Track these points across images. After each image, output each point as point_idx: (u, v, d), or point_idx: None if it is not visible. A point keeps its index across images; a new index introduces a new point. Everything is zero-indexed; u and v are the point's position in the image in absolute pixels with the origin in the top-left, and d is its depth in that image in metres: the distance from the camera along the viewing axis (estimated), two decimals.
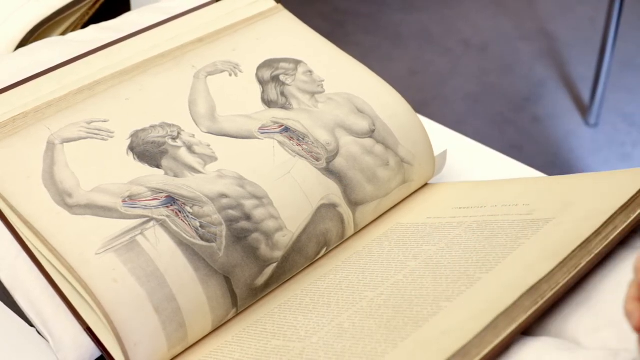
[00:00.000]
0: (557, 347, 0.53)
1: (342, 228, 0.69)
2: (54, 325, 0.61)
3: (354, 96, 0.74)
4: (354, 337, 0.56)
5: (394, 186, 0.72)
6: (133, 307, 0.57)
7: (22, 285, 0.63)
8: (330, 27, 2.24)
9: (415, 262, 0.63)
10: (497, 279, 0.57)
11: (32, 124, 0.66)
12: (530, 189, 0.70)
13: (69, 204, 0.61)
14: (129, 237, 0.60)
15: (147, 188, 0.63)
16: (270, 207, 0.65)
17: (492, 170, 0.83)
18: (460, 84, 2.07)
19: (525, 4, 2.35)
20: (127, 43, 0.75)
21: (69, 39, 0.77)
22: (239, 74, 0.75)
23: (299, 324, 0.60)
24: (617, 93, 2.01)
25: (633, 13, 2.24)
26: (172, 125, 0.68)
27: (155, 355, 0.59)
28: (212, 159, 0.66)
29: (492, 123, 1.95)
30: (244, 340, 0.60)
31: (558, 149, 1.87)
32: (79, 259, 0.58)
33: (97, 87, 0.70)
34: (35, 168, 0.63)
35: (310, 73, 0.76)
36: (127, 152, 0.66)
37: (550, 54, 2.15)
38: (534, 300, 0.55)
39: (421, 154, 0.74)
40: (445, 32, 2.24)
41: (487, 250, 0.61)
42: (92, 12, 0.90)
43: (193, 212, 0.62)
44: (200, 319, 0.60)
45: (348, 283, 0.63)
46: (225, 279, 0.61)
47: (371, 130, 0.72)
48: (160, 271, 0.59)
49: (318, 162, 0.69)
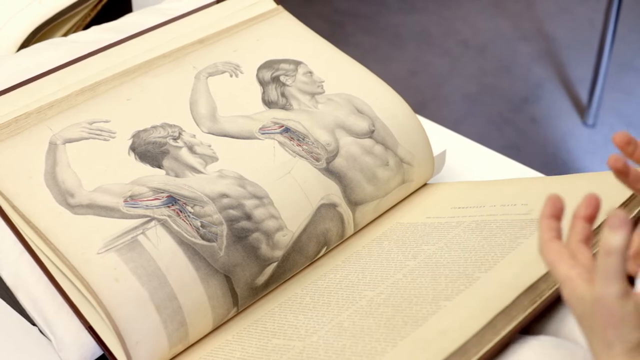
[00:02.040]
0: (555, 345, 0.54)
1: (342, 228, 0.69)
2: (56, 324, 0.61)
3: (353, 97, 0.75)
4: (354, 335, 0.56)
5: (394, 186, 0.72)
6: (134, 306, 0.57)
7: (25, 284, 0.63)
8: (330, 28, 2.24)
9: (415, 261, 0.63)
10: (495, 278, 0.57)
11: (35, 125, 0.66)
12: (528, 189, 0.70)
13: (71, 204, 0.61)
14: (130, 236, 0.60)
15: (148, 188, 0.63)
16: (271, 207, 0.65)
17: (491, 171, 0.84)
18: (459, 84, 2.07)
19: (524, 5, 2.36)
20: (128, 44, 0.75)
21: (71, 40, 0.78)
22: (240, 74, 0.75)
23: (299, 322, 0.60)
24: (614, 94, 2.01)
25: (631, 15, 2.24)
26: (173, 125, 0.69)
27: (157, 354, 0.59)
28: (213, 159, 0.67)
29: (491, 123, 1.95)
30: (245, 339, 0.61)
31: (556, 149, 1.87)
32: (80, 258, 0.58)
33: (99, 87, 0.70)
34: (38, 168, 0.63)
35: (310, 74, 0.76)
36: (128, 153, 0.66)
37: (548, 55, 2.16)
38: (532, 299, 0.55)
39: (420, 154, 0.74)
40: (445, 33, 2.25)
41: (486, 249, 0.61)
42: (94, 13, 0.90)
43: (194, 212, 0.62)
44: (201, 317, 0.61)
45: (348, 282, 0.63)
46: (226, 278, 0.62)
47: (371, 130, 0.73)
48: (161, 270, 0.59)
49: (318, 162, 0.69)
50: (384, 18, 2.30)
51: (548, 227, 0.49)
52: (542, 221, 0.49)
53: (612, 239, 0.44)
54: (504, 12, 2.33)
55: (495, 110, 1.99)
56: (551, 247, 0.48)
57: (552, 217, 0.49)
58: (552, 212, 0.49)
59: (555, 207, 0.49)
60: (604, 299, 0.44)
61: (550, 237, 0.48)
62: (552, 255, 0.47)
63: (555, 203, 0.49)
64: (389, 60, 2.15)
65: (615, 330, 0.44)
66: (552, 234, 0.48)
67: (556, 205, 0.49)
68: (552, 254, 0.47)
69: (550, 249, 0.48)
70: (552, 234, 0.48)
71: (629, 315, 0.44)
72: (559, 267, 0.47)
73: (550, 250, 0.48)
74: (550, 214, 0.49)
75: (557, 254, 0.47)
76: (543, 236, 0.48)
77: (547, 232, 0.48)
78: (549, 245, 0.48)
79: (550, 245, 0.48)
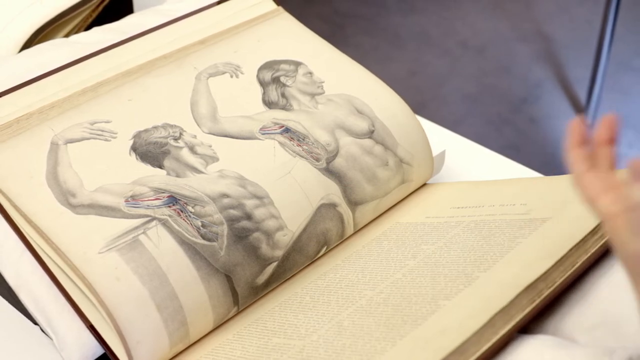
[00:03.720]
0: (554, 345, 0.54)
1: (342, 227, 0.69)
2: (57, 324, 0.62)
3: (353, 97, 0.75)
4: (354, 335, 0.56)
5: (393, 186, 0.73)
6: (135, 306, 0.58)
7: (26, 284, 0.63)
8: (330, 29, 2.24)
9: (414, 261, 0.63)
10: (494, 278, 0.58)
11: (36, 125, 0.67)
12: (527, 189, 0.70)
13: (73, 204, 0.62)
14: (131, 236, 0.60)
15: (149, 188, 0.63)
16: (271, 207, 0.65)
17: (490, 171, 0.84)
18: (459, 85, 2.07)
19: (522, 6, 2.36)
20: (129, 45, 0.75)
21: (72, 40, 0.78)
22: (240, 75, 0.75)
23: (299, 322, 0.60)
24: (613, 94, 2.01)
25: (629, 15, 2.24)
26: (174, 126, 0.69)
27: (157, 353, 0.59)
28: (213, 159, 0.67)
29: (490, 124, 1.95)
30: (245, 338, 0.61)
31: (555, 150, 1.87)
32: (82, 258, 0.59)
33: (100, 88, 0.71)
34: (39, 168, 0.64)
35: (310, 74, 0.76)
36: (129, 153, 0.66)
37: (547, 56, 2.16)
38: (531, 298, 0.55)
39: (420, 154, 0.75)
40: (444, 34, 2.25)
41: (485, 249, 0.62)
42: (95, 14, 0.91)
43: (195, 212, 0.63)
44: (201, 317, 0.61)
45: (348, 282, 0.64)
46: (227, 278, 0.62)
47: (370, 130, 0.73)
48: (162, 270, 0.59)
49: (318, 162, 0.70)
50: (383, 19, 2.31)
51: (580, 158, 0.45)
52: (573, 152, 0.45)
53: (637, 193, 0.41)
54: (503, 12, 2.34)
55: (495, 110, 1.99)
56: (588, 180, 0.44)
57: (580, 145, 0.45)
58: (579, 139, 0.45)
59: (581, 132, 0.45)
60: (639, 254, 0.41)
61: (584, 168, 0.44)
62: (591, 189, 0.44)
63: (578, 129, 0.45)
64: (389, 60, 2.15)
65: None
66: (586, 165, 0.45)
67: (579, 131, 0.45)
68: (591, 188, 0.44)
69: (588, 183, 0.44)
70: (586, 165, 0.45)
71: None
72: (601, 203, 0.43)
73: (588, 184, 0.44)
74: (578, 141, 0.45)
75: (596, 188, 0.44)
76: (577, 169, 0.44)
77: (580, 163, 0.45)
78: (585, 179, 0.44)
79: (587, 178, 0.44)
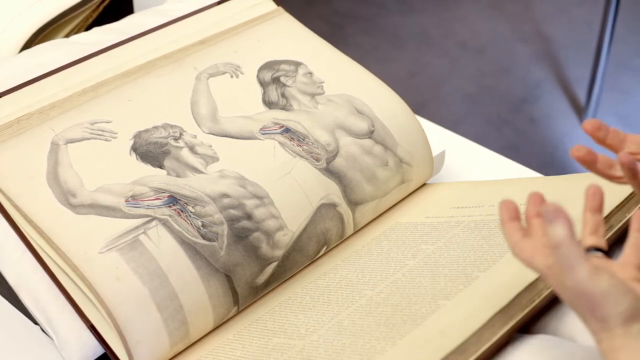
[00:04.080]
0: (553, 344, 0.54)
1: (342, 227, 0.69)
2: (58, 323, 0.62)
3: (353, 97, 0.75)
4: (354, 334, 0.56)
5: (393, 186, 0.73)
6: (136, 305, 0.58)
7: (27, 283, 0.63)
8: (330, 30, 2.24)
9: (414, 260, 0.63)
10: (494, 278, 0.58)
11: (37, 125, 0.67)
12: (527, 188, 0.70)
13: (73, 204, 0.62)
14: (131, 236, 0.60)
15: (149, 188, 0.64)
16: (271, 207, 0.66)
17: (490, 171, 0.84)
18: (458, 85, 2.07)
19: (522, 6, 2.36)
20: (130, 45, 0.75)
21: (72, 41, 0.78)
22: (240, 75, 0.75)
23: (299, 321, 0.60)
24: (612, 94, 2.02)
25: (629, 15, 2.24)
26: (174, 126, 0.69)
27: (158, 353, 0.59)
28: (213, 159, 0.67)
29: (490, 124, 1.95)
30: (245, 338, 0.61)
31: (554, 150, 1.88)
32: (82, 258, 0.59)
33: (101, 88, 0.71)
34: (40, 168, 0.64)
35: (310, 75, 0.76)
36: (130, 153, 0.66)
37: (546, 56, 2.16)
38: (530, 298, 0.55)
39: (419, 154, 0.75)
40: (443, 35, 2.25)
41: (485, 249, 0.62)
42: (95, 14, 0.91)
43: (195, 212, 0.63)
44: (201, 317, 0.61)
45: (347, 281, 0.64)
46: (227, 278, 0.62)
47: (370, 131, 0.73)
48: (162, 270, 0.60)
49: (318, 162, 0.70)
50: (383, 19, 2.31)
51: (512, 230, 0.50)
52: (505, 227, 0.50)
53: (554, 232, 0.44)
54: (503, 13, 2.34)
55: (494, 110, 2.00)
56: (523, 245, 0.49)
57: (511, 220, 0.50)
58: (510, 216, 0.50)
59: (510, 210, 0.50)
60: (576, 286, 0.44)
61: (518, 237, 0.49)
62: (526, 252, 0.48)
63: (509, 207, 0.51)
64: (389, 61, 2.15)
65: (601, 308, 0.44)
66: (520, 234, 0.49)
67: (510, 208, 0.51)
68: (526, 251, 0.48)
69: (522, 247, 0.49)
70: (520, 234, 0.49)
71: (608, 289, 0.44)
72: (536, 261, 0.47)
73: (523, 248, 0.49)
74: (509, 217, 0.50)
75: (530, 250, 0.48)
76: (511, 239, 0.50)
77: (514, 234, 0.50)
78: (520, 245, 0.49)
79: (521, 244, 0.49)
